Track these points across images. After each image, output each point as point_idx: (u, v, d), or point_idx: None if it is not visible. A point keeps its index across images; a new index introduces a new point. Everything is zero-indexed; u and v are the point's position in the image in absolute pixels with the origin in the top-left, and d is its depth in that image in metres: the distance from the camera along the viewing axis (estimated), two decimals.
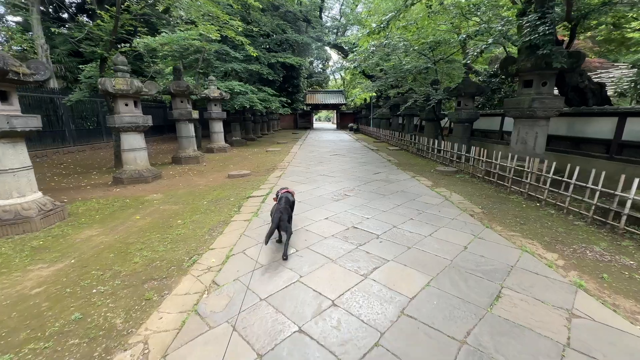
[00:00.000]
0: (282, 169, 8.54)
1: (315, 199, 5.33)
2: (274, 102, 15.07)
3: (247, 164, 9.74)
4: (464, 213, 4.53)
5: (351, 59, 12.04)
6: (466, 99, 9.26)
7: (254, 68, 14.59)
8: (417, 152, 11.45)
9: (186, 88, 9.26)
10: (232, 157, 11.47)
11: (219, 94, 12.30)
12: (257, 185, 6.48)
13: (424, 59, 10.80)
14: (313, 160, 10.00)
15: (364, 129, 25.14)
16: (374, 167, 8.64)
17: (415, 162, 9.63)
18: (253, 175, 7.75)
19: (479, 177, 6.95)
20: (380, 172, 7.74)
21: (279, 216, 3.16)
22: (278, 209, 3.26)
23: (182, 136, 9.82)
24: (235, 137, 15.96)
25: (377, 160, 10.11)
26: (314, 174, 7.64)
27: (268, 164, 9.50)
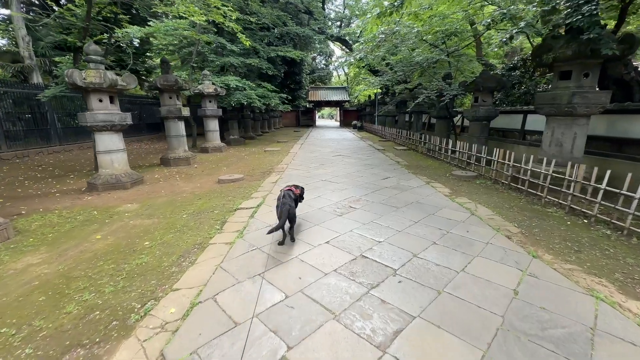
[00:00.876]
0: (279, 172, 7.69)
1: (315, 212, 4.47)
2: (273, 99, 14.19)
3: (241, 165, 8.90)
4: (499, 234, 3.65)
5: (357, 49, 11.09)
6: (484, 95, 8.32)
7: (252, 62, 13.70)
8: (427, 152, 10.53)
9: (174, 83, 8.42)
10: (227, 157, 10.63)
11: (214, 89, 11.45)
12: (248, 194, 5.63)
13: (436, 50, 9.85)
14: (314, 162, 9.13)
15: (368, 127, 24.19)
16: (381, 170, 7.75)
17: (427, 164, 8.72)
18: (246, 180, 6.91)
19: (504, 183, 6.05)
20: (389, 177, 6.85)
21: (288, 209, 3.26)
22: (286, 202, 3.32)
23: (171, 135, 9.00)
24: (233, 136, 15.12)
25: (385, 162, 9.22)
26: (314, 178, 6.77)
27: (265, 166, 8.65)
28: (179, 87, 8.58)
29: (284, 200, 3.36)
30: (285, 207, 3.26)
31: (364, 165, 8.53)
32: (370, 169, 7.96)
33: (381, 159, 9.82)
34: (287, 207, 3.26)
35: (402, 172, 7.54)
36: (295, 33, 16.54)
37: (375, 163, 8.90)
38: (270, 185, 6.24)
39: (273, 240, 3.44)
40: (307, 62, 32.97)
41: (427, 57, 9.02)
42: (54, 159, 10.04)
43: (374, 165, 8.54)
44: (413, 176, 6.99)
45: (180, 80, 8.51)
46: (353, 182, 6.34)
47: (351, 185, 6.14)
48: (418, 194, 5.42)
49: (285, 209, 3.24)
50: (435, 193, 5.52)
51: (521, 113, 8.65)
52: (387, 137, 16.91)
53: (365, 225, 3.94)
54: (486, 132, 8.61)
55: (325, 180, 6.56)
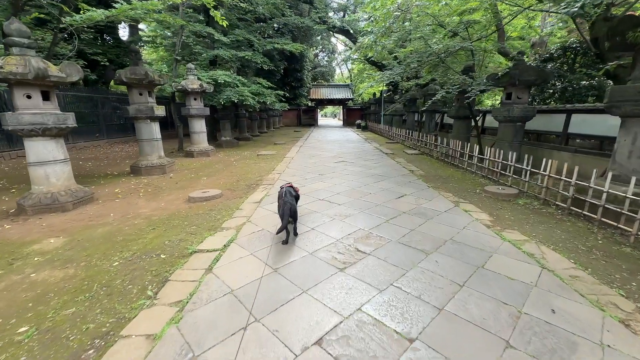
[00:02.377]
0: (268, 184, 6.26)
1: (303, 263, 3.01)
2: (269, 96, 12.76)
3: (226, 175, 7.48)
4: (607, 315, 2.19)
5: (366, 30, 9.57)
6: (520, 90, 6.81)
7: (246, 55, 12.27)
8: (444, 158, 9.04)
9: (144, 76, 7.00)
10: (212, 163, 9.22)
11: (199, 85, 10.04)
12: (219, 222, 4.21)
13: (457, 38, 8.32)
14: (312, 171, 7.68)
15: (373, 127, 22.68)
16: (394, 183, 6.28)
17: (447, 175, 7.23)
18: (224, 197, 5.48)
19: (560, 206, 4.56)
20: (405, 194, 5.38)
21: (289, 206, 3.22)
22: (287, 201, 3.28)
23: (142, 139, 7.60)
24: (225, 137, 13.72)
25: (396, 170, 7.74)
26: (309, 197, 5.32)
27: (252, 176, 7.22)
28: (150, 82, 7.16)
29: (285, 199, 3.34)
30: (287, 205, 3.21)
31: (371, 176, 7.06)
32: (379, 181, 6.48)
33: (391, 166, 8.33)
34: (288, 206, 3.22)
35: (420, 186, 6.06)
36: (294, 24, 15.09)
37: (385, 172, 7.42)
38: (252, 207, 4.81)
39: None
40: (308, 58, 31.50)
41: (448, 44, 7.50)
42: (8, 166, 8.70)
43: (384, 175, 7.06)
44: (435, 193, 5.51)
45: (151, 73, 7.09)
46: (359, 204, 4.87)
47: (357, 208, 4.68)
48: (450, 225, 3.95)
49: (287, 207, 3.20)
50: (473, 222, 4.04)
51: (563, 112, 7.13)
52: (394, 138, 15.40)
53: (383, 295, 2.47)
54: (520, 135, 7.09)
55: (323, 200, 5.10)
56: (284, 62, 24.72)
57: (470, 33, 8.37)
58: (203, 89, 10.11)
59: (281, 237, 3.44)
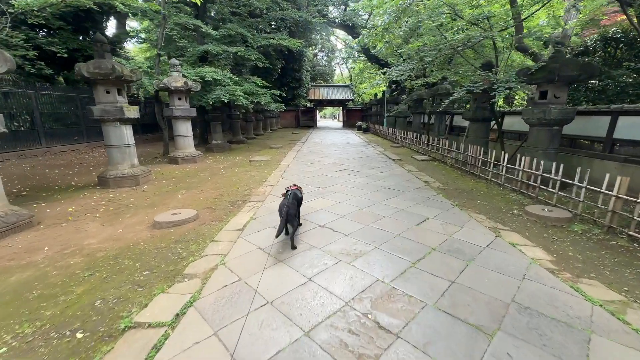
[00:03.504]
0: (256, 202, 5.14)
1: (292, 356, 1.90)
2: (263, 96, 11.64)
3: (209, 188, 6.36)
4: None
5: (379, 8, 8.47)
6: (558, 88, 5.72)
7: (238, 51, 11.16)
8: (460, 165, 7.94)
9: (110, 70, 5.88)
10: (197, 172, 8.09)
11: (184, 83, 8.93)
12: (182, 263, 3.08)
13: (477, 29, 7.25)
14: (310, 183, 6.56)
15: (375, 129, 21.59)
16: (410, 200, 5.16)
17: (470, 187, 6.13)
18: (199, 220, 4.36)
19: (632, 237, 3.46)
20: (428, 218, 4.26)
21: (287, 210, 3.16)
22: (285, 204, 3.26)
23: (111, 145, 6.47)
24: (216, 141, 12.60)
25: (408, 181, 6.62)
26: (307, 222, 4.19)
27: (239, 190, 6.10)
28: (118, 78, 6.04)
29: (284, 201, 3.34)
30: (284, 208, 3.19)
31: (381, 190, 5.94)
32: (392, 197, 5.36)
33: (401, 176, 7.22)
34: (286, 209, 3.18)
35: (443, 204, 4.94)
36: (291, 18, 13.99)
37: (397, 185, 6.30)
38: (232, 236, 3.69)
39: None
40: (307, 57, 30.43)
41: (470, 34, 6.41)
42: None
43: (396, 189, 5.94)
44: (464, 215, 4.39)
45: (119, 68, 5.96)
46: (372, 234, 3.75)
47: (369, 240, 3.56)
48: (501, 271, 2.83)
49: (285, 210, 3.17)
50: (531, 266, 2.93)
51: (606, 114, 6.06)
52: (399, 141, 14.30)
53: None
54: (557, 141, 5.99)
55: (324, 227, 3.98)
56: (282, 60, 23.65)
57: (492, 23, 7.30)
58: (188, 87, 8.99)
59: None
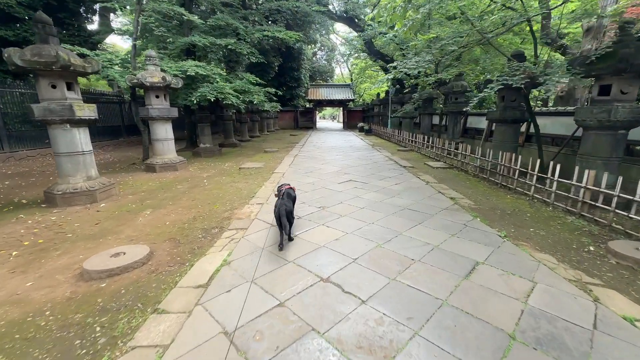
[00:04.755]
0: (237, 229, 3.86)
1: None
2: (256, 94, 10.37)
3: (182, 206, 5.07)
4: None
5: None
6: (627, 81, 4.47)
7: (228, 44, 9.89)
8: (485, 175, 6.68)
9: (54, 59, 4.59)
10: (174, 183, 6.80)
11: (161, 78, 7.65)
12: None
13: (509, 12, 5.99)
14: (308, 201, 5.28)
15: (378, 131, 20.32)
16: (442, 229, 3.87)
17: (509, 207, 4.85)
18: (150, 264, 3.07)
19: None
20: (478, 263, 2.96)
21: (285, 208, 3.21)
22: (282, 203, 3.29)
23: (59, 153, 5.17)
24: (205, 144, 11.31)
25: (431, 198, 5.34)
26: (303, 272, 2.91)
27: (219, 211, 4.81)
28: (64, 68, 4.75)
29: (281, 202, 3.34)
30: (282, 207, 3.22)
31: (399, 211, 4.64)
32: (416, 223, 4.07)
33: (420, 190, 5.94)
34: (283, 208, 3.21)
35: (487, 235, 3.65)
36: (288, 10, 12.73)
37: (418, 204, 5.00)
38: (187, 301, 2.40)
39: None
40: (306, 56, 29.21)
41: (506, 15, 5.15)
42: None
43: (419, 210, 4.65)
44: (524, 256, 3.11)
45: (65, 56, 4.67)
46: (401, 297, 2.43)
47: (400, 313, 2.24)
48: None
49: (283, 209, 3.20)
50: None
51: None
52: (407, 145, 13.02)
53: None
54: (621, 149, 4.73)
55: (328, 282, 2.67)
56: (279, 58, 22.44)
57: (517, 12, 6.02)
58: (167, 83, 7.71)
59: None
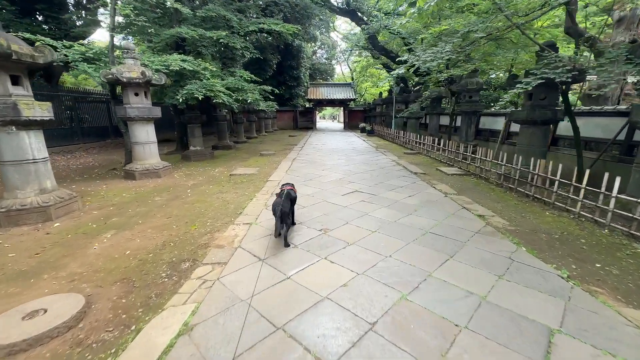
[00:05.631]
0: (212, 268, 2.93)
1: None
2: (250, 92, 9.45)
3: (152, 226, 4.15)
4: None
5: None
6: None
7: (219, 36, 8.96)
8: (511, 184, 5.75)
9: None
10: (152, 193, 5.88)
11: (140, 73, 6.72)
12: None
13: None
14: (307, 220, 4.36)
15: (380, 131, 19.40)
16: (481, 266, 2.95)
17: (554, 229, 3.93)
18: (77, 330, 2.14)
19: None
20: (553, 332, 2.04)
21: (280, 209, 3.22)
22: (278, 202, 3.31)
23: (4, 162, 4.25)
24: (195, 147, 10.39)
25: (455, 216, 4.42)
26: (298, 345, 1.99)
27: (195, 234, 3.88)
28: (5, 58, 3.82)
29: (277, 200, 3.38)
30: (277, 207, 3.25)
31: (420, 236, 3.72)
32: (445, 257, 3.14)
33: (439, 204, 5.01)
34: (279, 207, 3.23)
35: (546, 277, 2.72)
36: (286, 1, 11.80)
37: (441, 224, 4.08)
38: None
39: None
40: (306, 54, 28.29)
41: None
42: None
43: (445, 235, 3.71)
44: (611, 314, 2.20)
45: (4, 42, 3.74)
46: None
47: None
48: None
49: (278, 209, 3.22)
50: None
51: None
52: (413, 147, 12.10)
53: None
54: None
55: None
56: (277, 56, 21.53)
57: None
58: (147, 79, 6.78)
59: None
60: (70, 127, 12.46)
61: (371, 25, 12.49)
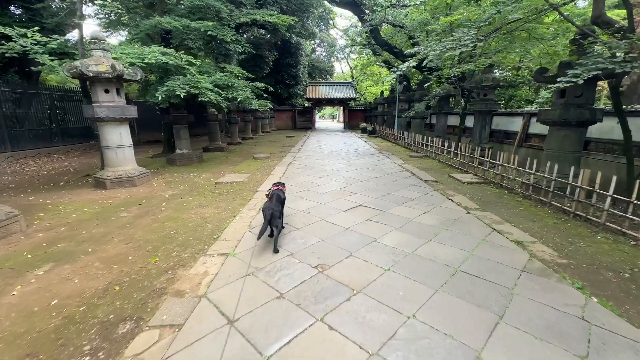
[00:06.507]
0: (158, 338, 2.03)
1: None
2: (241, 90, 8.54)
3: (101, 257, 3.23)
4: None
5: None
6: None
7: (205, 27, 8.05)
8: (542, 196, 4.85)
9: None
10: (119, 207, 4.97)
11: (110, 67, 5.81)
12: None
13: None
14: (300, 247, 3.46)
15: (382, 132, 18.49)
16: (548, 334, 2.06)
17: (621, 263, 3.03)
18: None
19: None
20: None
21: (271, 212, 3.18)
22: (269, 206, 3.26)
23: None
24: (181, 150, 9.49)
25: (488, 242, 3.52)
26: None
27: (153, 272, 2.97)
28: None
29: (270, 205, 3.30)
30: (268, 210, 3.20)
31: (446, 273, 2.81)
32: (489, 313, 2.24)
33: (463, 224, 4.10)
34: (270, 211, 3.18)
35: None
36: None
37: (473, 258, 3.17)
38: None
39: None
40: (304, 51, 27.34)
41: None
42: None
43: (480, 274, 2.80)
44: None
45: None
46: None
47: None
48: None
49: (269, 212, 3.18)
50: None
51: None
52: (418, 149, 11.20)
53: None
54: None
55: None
56: (274, 52, 20.62)
57: None
58: (118, 74, 5.86)
59: None
60: (50, 128, 11.55)
61: (375, 15, 11.57)
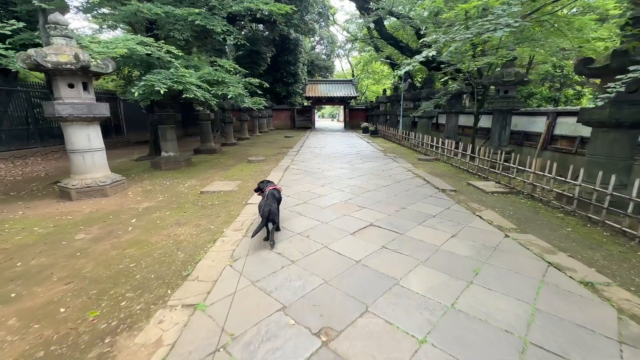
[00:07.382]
0: None
1: None
2: (233, 87, 7.63)
3: (22, 310, 2.32)
4: None
5: None
6: None
7: (191, 15, 7.14)
8: (591, 212, 3.96)
9: None
10: (78, 227, 4.06)
11: (74, 57, 4.90)
12: None
13: None
14: (295, 299, 2.57)
15: (385, 132, 17.58)
16: None
17: None
18: None
19: None
20: None
21: (268, 209, 3.16)
22: (267, 203, 3.25)
23: None
24: (168, 152, 8.57)
25: (546, 282, 2.64)
26: None
27: (88, 337, 2.07)
28: None
29: (266, 202, 3.28)
30: (266, 207, 3.18)
31: (510, 347, 1.95)
32: None
33: (504, 253, 3.22)
34: (267, 208, 3.17)
35: None
36: None
37: (534, 312, 2.30)
38: None
39: None
40: (304, 48, 26.41)
41: None
42: None
43: (558, 349, 1.95)
44: None
45: None
46: None
47: None
48: None
49: (267, 210, 3.16)
50: None
51: None
52: (426, 151, 10.32)
53: None
54: None
55: None
56: (272, 48, 19.70)
57: None
58: (82, 65, 4.94)
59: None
60: (27, 127, 10.63)
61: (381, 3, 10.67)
